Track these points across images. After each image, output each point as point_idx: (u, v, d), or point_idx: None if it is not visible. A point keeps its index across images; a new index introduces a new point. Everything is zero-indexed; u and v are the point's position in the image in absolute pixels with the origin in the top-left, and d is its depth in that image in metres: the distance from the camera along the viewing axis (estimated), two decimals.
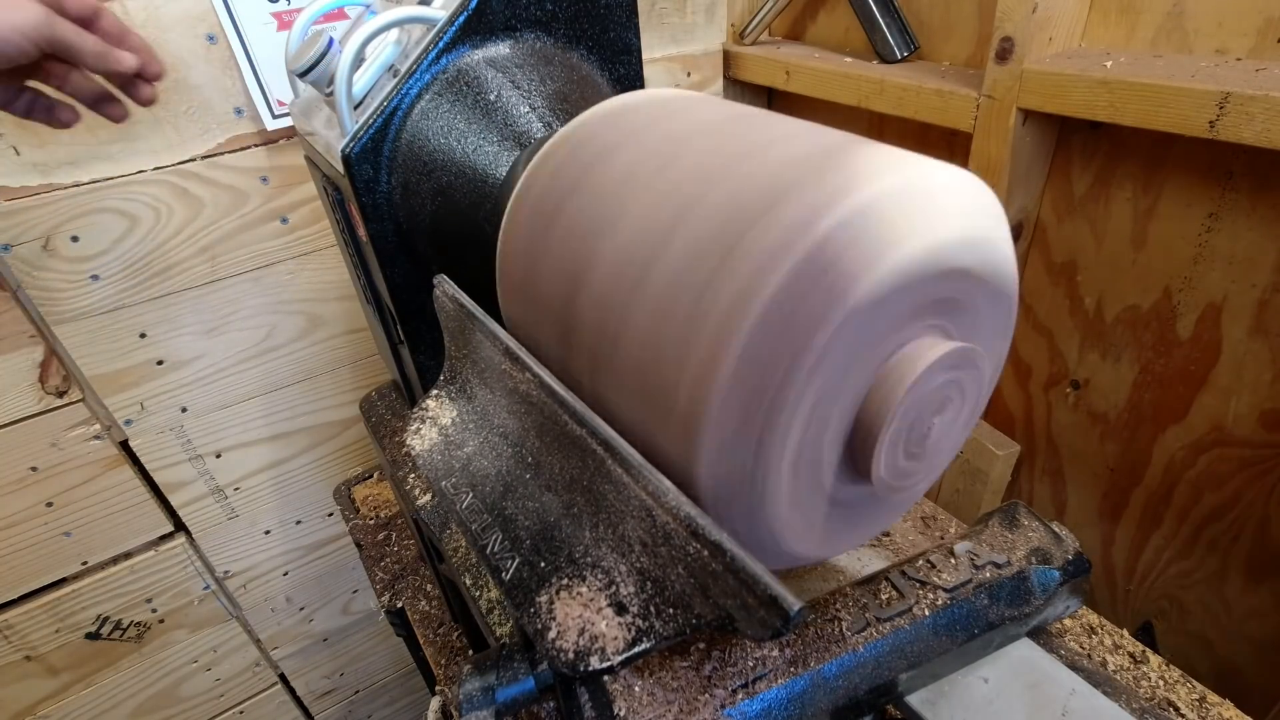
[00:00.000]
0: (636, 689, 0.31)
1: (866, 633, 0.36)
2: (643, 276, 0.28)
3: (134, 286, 0.78)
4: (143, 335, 0.80)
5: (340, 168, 0.46)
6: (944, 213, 0.27)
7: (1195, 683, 0.43)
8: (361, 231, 0.50)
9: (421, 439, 0.36)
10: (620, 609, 0.26)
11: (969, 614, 0.37)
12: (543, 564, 0.28)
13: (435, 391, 0.38)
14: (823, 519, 0.32)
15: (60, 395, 0.78)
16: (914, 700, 0.39)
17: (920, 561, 0.39)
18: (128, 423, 0.84)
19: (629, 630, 0.26)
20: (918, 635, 0.37)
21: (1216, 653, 0.81)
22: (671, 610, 0.26)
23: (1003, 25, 0.69)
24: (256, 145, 0.79)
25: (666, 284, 0.28)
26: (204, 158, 0.77)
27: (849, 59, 0.92)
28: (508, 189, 0.43)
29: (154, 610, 0.95)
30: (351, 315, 0.94)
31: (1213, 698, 0.42)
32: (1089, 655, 0.45)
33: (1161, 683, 0.43)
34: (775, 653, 0.35)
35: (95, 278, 0.75)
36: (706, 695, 0.33)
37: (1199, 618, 0.81)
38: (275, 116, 0.78)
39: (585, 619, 0.26)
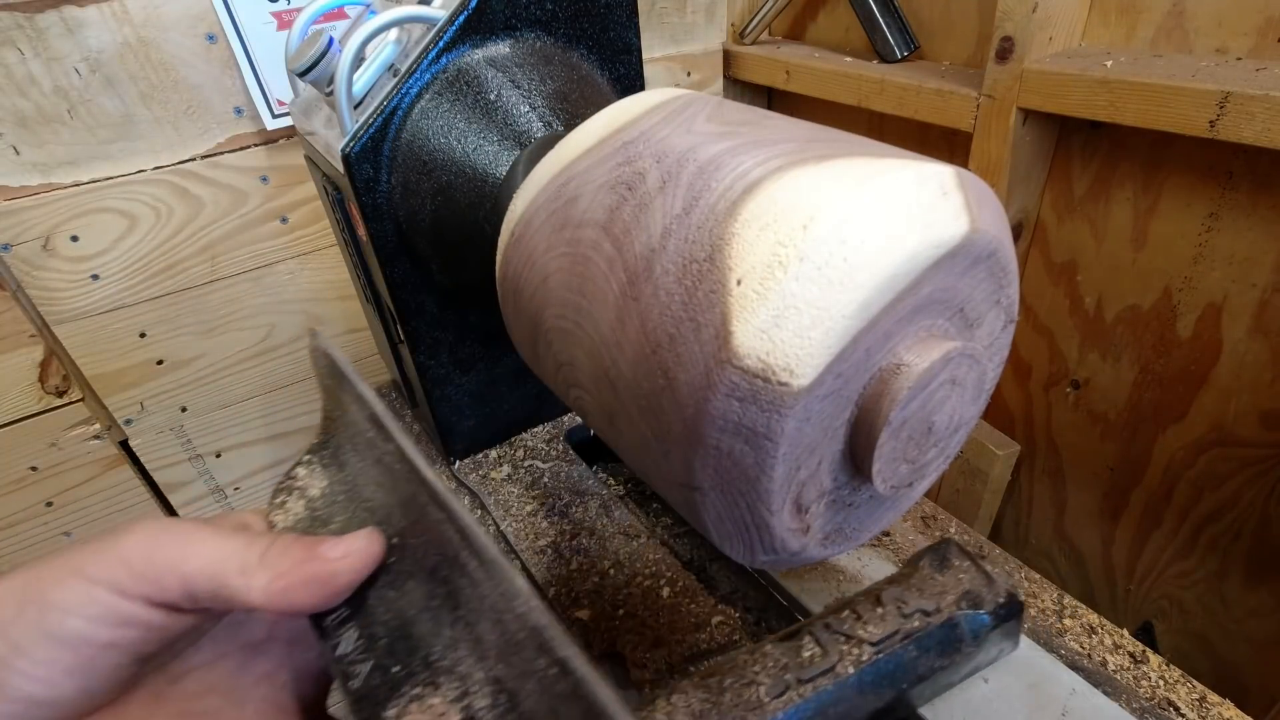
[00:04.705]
0: None
1: (786, 697, 0.34)
2: (642, 281, 0.28)
3: (134, 286, 0.78)
4: (143, 335, 0.80)
5: (340, 167, 0.46)
6: (942, 212, 0.27)
7: (1195, 682, 0.43)
8: (361, 231, 0.50)
9: (286, 514, 0.30)
10: None
11: (896, 668, 0.35)
12: (396, 668, 0.25)
13: (307, 457, 0.33)
14: (822, 519, 0.32)
15: (60, 395, 0.78)
16: (914, 699, 0.39)
17: (846, 612, 0.37)
18: (128, 422, 0.84)
19: None
20: (841, 695, 0.35)
21: (1216, 653, 0.81)
22: None
23: (1003, 25, 0.69)
24: (256, 145, 0.79)
25: (662, 288, 0.28)
26: (204, 157, 0.77)
27: (849, 59, 0.92)
28: (508, 188, 0.43)
29: None
30: (351, 315, 0.94)
31: (1213, 698, 0.42)
32: (1089, 655, 0.45)
33: (1161, 683, 0.43)
34: None
35: (95, 277, 0.75)
36: None
37: (1199, 618, 0.81)
38: (275, 116, 0.78)
39: None
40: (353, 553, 0.26)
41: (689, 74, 1.04)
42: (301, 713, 0.29)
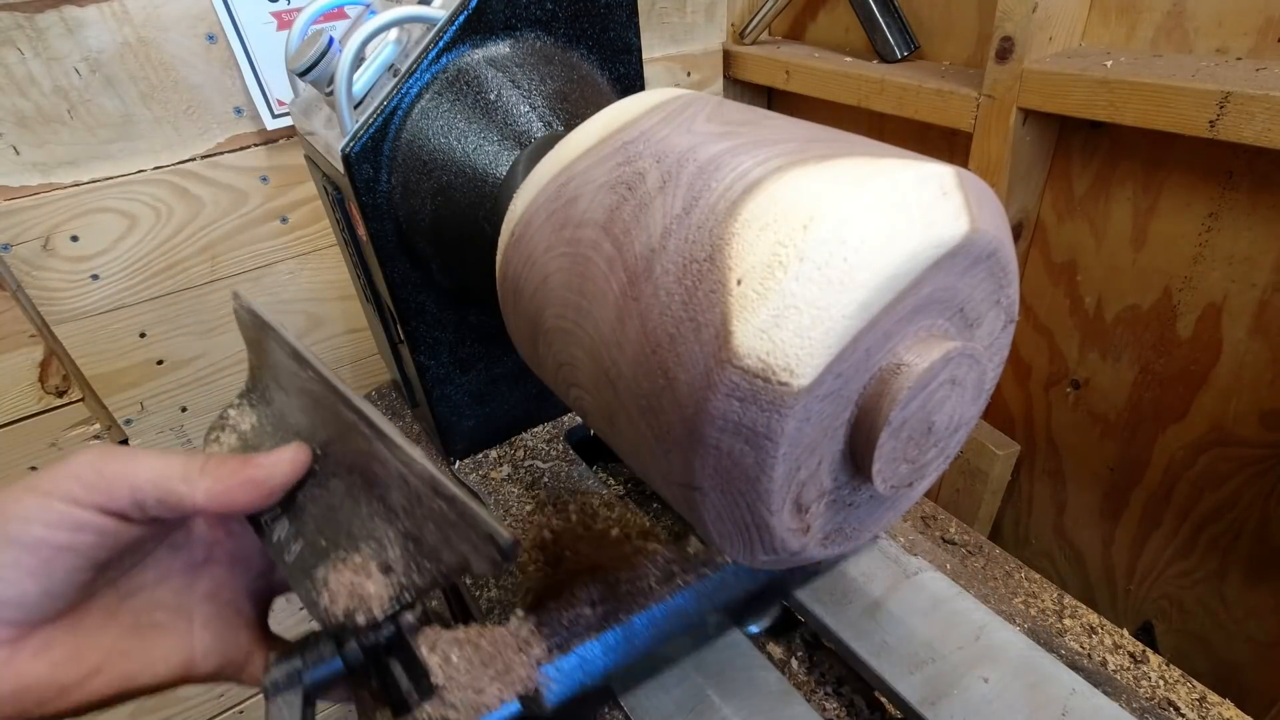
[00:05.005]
0: (454, 658, 0.33)
1: (673, 583, 0.40)
2: (640, 283, 0.28)
3: (134, 286, 0.78)
4: (142, 335, 0.80)
5: (340, 167, 0.46)
6: (942, 212, 0.27)
7: (1195, 682, 0.43)
8: (361, 231, 0.50)
9: (221, 446, 0.36)
10: (387, 569, 0.29)
11: None
12: (323, 542, 0.30)
13: (236, 400, 0.38)
14: (822, 519, 0.32)
15: (60, 395, 0.78)
16: (913, 699, 0.39)
17: None
18: (128, 422, 0.84)
19: (394, 587, 0.29)
20: (722, 582, 0.41)
21: (1216, 653, 0.81)
22: (428, 563, 0.28)
23: (1003, 25, 0.69)
24: (256, 145, 0.79)
25: (662, 291, 0.28)
26: (204, 157, 0.77)
27: (849, 59, 0.92)
28: (508, 188, 0.43)
29: None
30: (351, 315, 0.94)
31: (1213, 698, 0.42)
32: (1089, 655, 0.45)
33: (1161, 683, 0.43)
34: (589, 611, 0.40)
35: (95, 277, 0.75)
36: (523, 655, 0.36)
37: (1199, 618, 0.81)
38: (275, 116, 0.78)
39: (355, 583, 0.29)
40: (283, 460, 0.31)
41: (689, 74, 1.04)
42: (244, 628, 0.33)
